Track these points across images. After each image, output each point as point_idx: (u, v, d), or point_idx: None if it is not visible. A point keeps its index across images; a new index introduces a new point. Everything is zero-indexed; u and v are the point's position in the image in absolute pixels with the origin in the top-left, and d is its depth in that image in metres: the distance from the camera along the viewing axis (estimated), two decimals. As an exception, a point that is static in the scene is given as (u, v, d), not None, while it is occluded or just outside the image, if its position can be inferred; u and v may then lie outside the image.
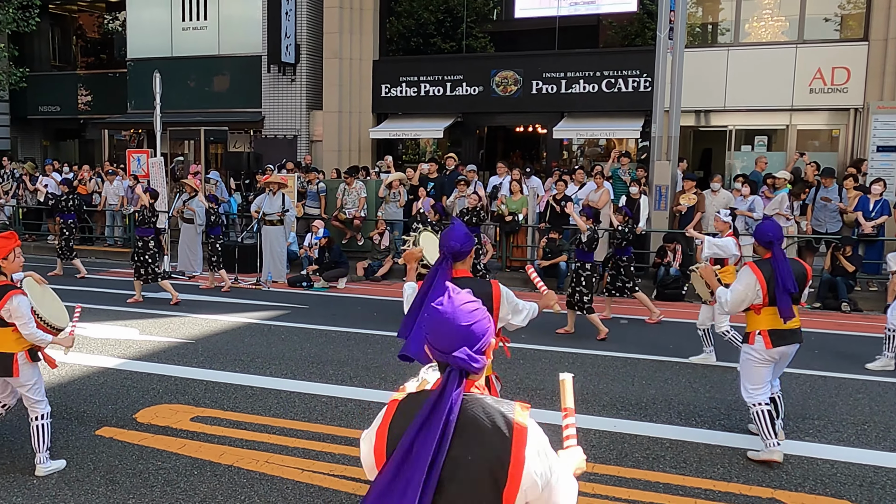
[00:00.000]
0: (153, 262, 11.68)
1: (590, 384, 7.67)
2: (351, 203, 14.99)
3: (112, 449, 5.85)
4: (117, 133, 23.99)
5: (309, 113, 19.84)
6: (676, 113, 13.38)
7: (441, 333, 2.14)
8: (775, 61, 16.12)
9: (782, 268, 5.64)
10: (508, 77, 17.92)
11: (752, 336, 5.85)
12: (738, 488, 5.32)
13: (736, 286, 5.81)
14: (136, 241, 11.82)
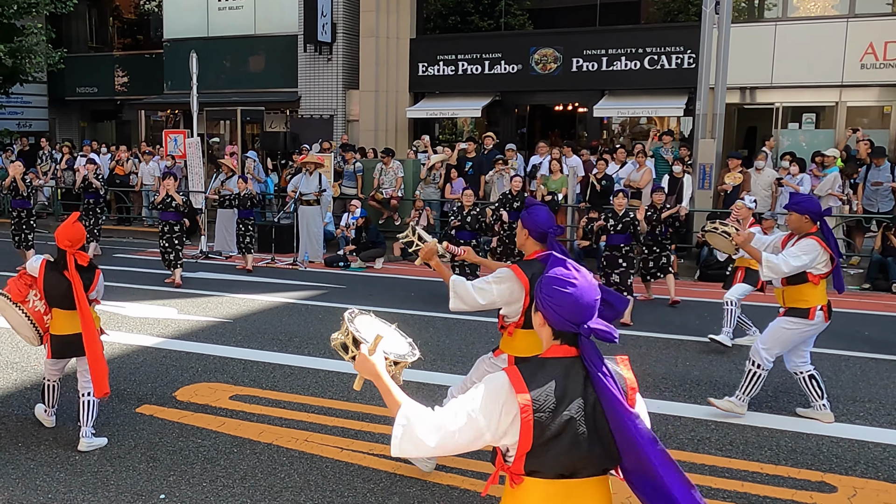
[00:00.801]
0: (180, 247, 11.40)
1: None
2: (388, 183, 14.89)
3: (152, 426, 5.84)
4: (153, 114, 24.12)
5: (345, 92, 19.74)
6: (722, 90, 13.03)
7: (580, 306, 2.28)
8: (825, 36, 15.62)
9: (833, 241, 5.72)
10: (548, 55, 17.62)
11: (813, 311, 5.78)
12: (787, 471, 5.18)
13: (800, 255, 5.65)
14: (163, 226, 11.50)
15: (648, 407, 6.08)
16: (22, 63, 19.88)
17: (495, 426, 2.26)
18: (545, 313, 2.35)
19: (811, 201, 5.85)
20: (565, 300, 2.30)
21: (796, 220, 5.75)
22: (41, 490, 4.80)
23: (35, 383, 6.78)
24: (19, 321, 5.43)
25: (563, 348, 2.34)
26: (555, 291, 2.32)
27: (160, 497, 4.72)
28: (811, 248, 5.65)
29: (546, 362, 2.34)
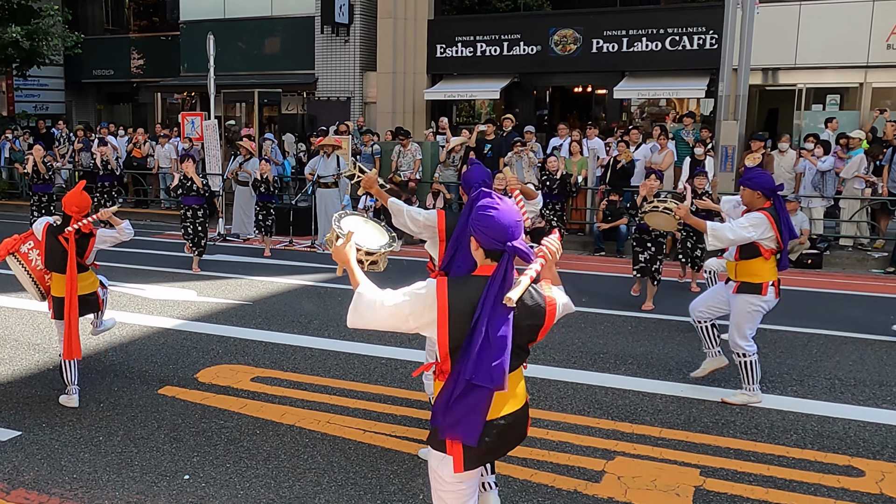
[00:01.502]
0: (203, 233, 11.12)
1: (655, 348, 7.45)
2: (406, 165, 14.81)
3: (175, 408, 5.83)
4: (170, 96, 24.12)
5: (362, 74, 19.65)
6: (745, 71, 12.84)
7: (502, 226, 2.76)
8: (850, 16, 15.35)
9: (786, 217, 5.82)
10: (567, 35, 17.42)
11: (765, 287, 5.85)
12: (814, 455, 5.13)
13: (747, 226, 5.70)
14: (185, 211, 11.14)
15: (670, 390, 6.14)
16: (39, 45, 19.88)
17: (417, 317, 2.84)
18: (476, 236, 2.82)
19: (763, 176, 5.90)
20: (490, 222, 2.77)
21: (749, 196, 5.78)
22: (66, 470, 4.81)
23: (56, 364, 6.77)
24: (24, 278, 5.80)
25: (491, 266, 2.81)
26: (482, 216, 2.79)
27: (184, 477, 4.72)
28: (759, 221, 5.70)
29: (472, 278, 2.84)
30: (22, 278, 5.84)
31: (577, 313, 8.68)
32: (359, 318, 2.91)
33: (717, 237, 5.71)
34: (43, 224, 5.74)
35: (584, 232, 14.02)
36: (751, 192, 5.76)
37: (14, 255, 5.71)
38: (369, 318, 2.89)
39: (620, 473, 4.82)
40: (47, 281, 5.81)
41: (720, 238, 5.72)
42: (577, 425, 5.57)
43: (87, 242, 5.78)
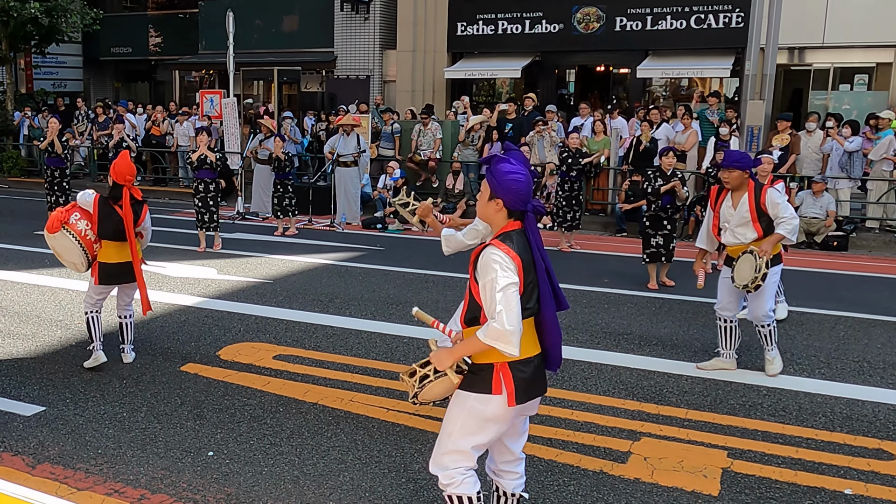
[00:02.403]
0: (214, 208, 10.99)
1: (679, 330, 7.37)
2: (426, 144, 14.71)
3: (197, 385, 5.82)
4: (188, 74, 24.08)
5: (382, 52, 19.52)
6: (773, 50, 12.61)
7: (528, 190, 3.10)
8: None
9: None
10: (591, 13, 17.17)
11: (783, 255, 6.19)
12: (843, 438, 5.06)
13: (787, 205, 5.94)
14: (196, 185, 11.04)
15: (698, 372, 6.02)
16: (58, 22, 19.88)
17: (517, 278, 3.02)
18: (504, 199, 3.09)
19: (741, 155, 6.03)
20: (520, 186, 3.07)
21: (739, 177, 5.88)
22: (90, 446, 4.81)
23: (80, 341, 6.82)
24: (70, 247, 5.89)
25: (515, 223, 3.14)
26: (511, 181, 3.06)
27: (208, 454, 4.70)
28: (782, 195, 6.00)
29: (511, 234, 3.11)
30: (68, 249, 5.92)
31: (601, 294, 8.68)
32: (516, 327, 3.00)
33: (794, 232, 5.90)
34: (93, 196, 5.97)
35: (605, 213, 13.89)
36: (740, 174, 5.88)
37: (64, 226, 5.84)
38: (518, 315, 3.00)
39: (647, 454, 4.77)
40: (95, 250, 6.00)
41: (795, 231, 5.91)
42: (602, 406, 5.51)
43: (141, 209, 6.07)
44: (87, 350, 6.24)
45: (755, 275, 5.72)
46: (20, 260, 10.11)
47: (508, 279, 2.99)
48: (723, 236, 6.11)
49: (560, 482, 4.43)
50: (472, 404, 3.14)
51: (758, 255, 5.73)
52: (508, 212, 3.12)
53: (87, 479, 4.40)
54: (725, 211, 6.04)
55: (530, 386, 3.18)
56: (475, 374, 3.16)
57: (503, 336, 2.95)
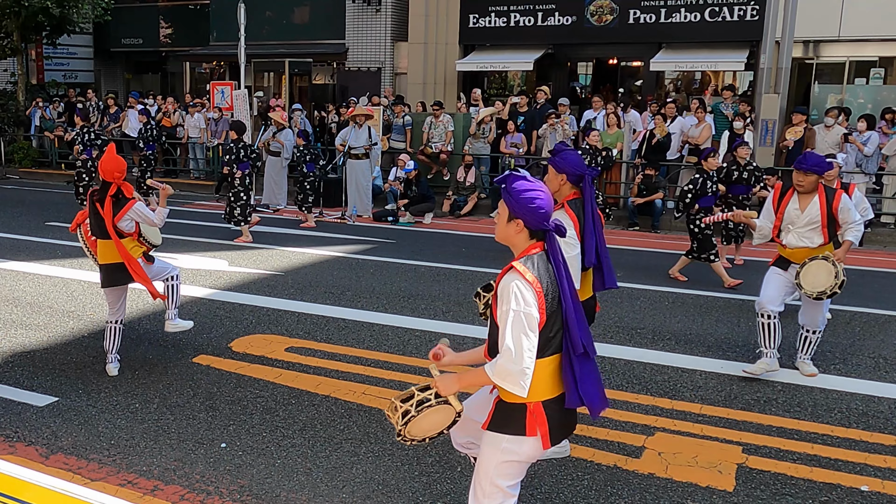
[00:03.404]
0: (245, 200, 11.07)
1: (693, 324, 7.32)
2: (438, 137, 14.67)
3: (210, 376, 5.82)
4: (198, 66, 24.06)
5: (393, 44, 19.45)
6: (788, 43, 12.48)
7: (550, 208, 2.95)
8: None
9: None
10: (604, 6, 17.04)
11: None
12: (859, 434, 5.03)
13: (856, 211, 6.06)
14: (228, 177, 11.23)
15: (709, 366, 6.08)
16: (69, 13, 19.89)
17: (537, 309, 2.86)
18: (525, 220, 2.94)
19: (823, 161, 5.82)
20: (542, 204, 2.92)
21: (814, 181, 5.74)
22: (104, 437, 4.81)
23: (91, 331, 6.83)
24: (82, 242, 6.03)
25: (538, 245, 2.99)
26: (532, 199, 2.91)
27: (221, 445, 4.70)
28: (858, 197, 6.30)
29: (533, 257, 2.95)
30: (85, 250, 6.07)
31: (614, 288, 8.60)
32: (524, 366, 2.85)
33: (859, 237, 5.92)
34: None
35: (618, 206, 13.82)
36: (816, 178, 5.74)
37: (80, 226, 5.92)
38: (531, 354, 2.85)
39: (661, 449, 4.73)
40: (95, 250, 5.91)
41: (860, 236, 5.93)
42: (616, 400, 5.47)
43: (122, 206, 5.66)
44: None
45: (835, 281, 5.61)
46: (33, 250, 10.13)
47: (526, 312, 2.82)
48: (784, 237, 5.92)
49: (574, 476, 4.41)
50: (506, 446, 2.99)
51: (836, 261, 5.64)
52: (530, 232, 2.96)
53: (100, 469, 4.40)
54: (792, 212, 5.84)
55: (564, 425, 3.08)
56: (507, 416, 2.98)
57: (510, 376, 2.81)
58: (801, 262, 5.76)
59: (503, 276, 2.92)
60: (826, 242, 5.78)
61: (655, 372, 6.08)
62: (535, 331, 2.83)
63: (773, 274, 6.01)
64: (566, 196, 4.39)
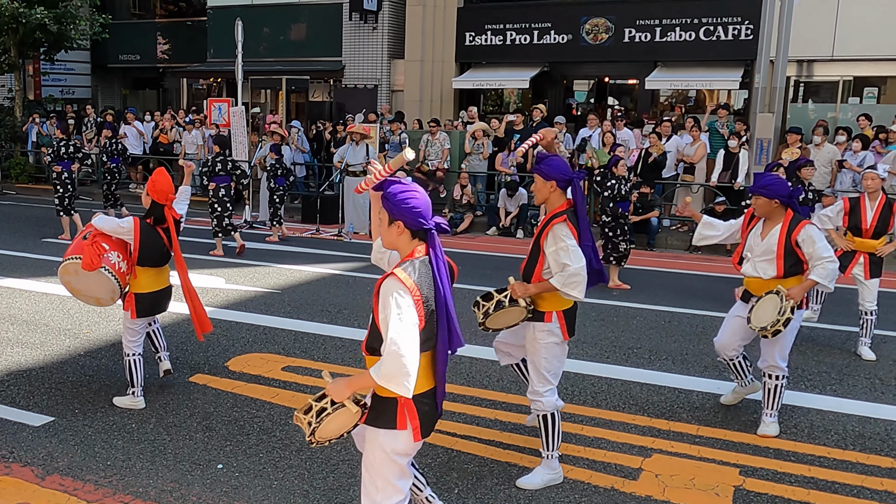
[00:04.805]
0: (220, 213, 11.37)
1: (689, 344, 7.33)
2: (434, 154, 14.72)
3: (206, 396, 5.80)
4: (195, 82, 24.13)
5: (390, 62, 19.55)
6: (783, 63, 12.59)
7: (426, 208, 3.05)
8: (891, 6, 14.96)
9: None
10: (599, 24, 17.18)
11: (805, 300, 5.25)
12: (855, 456, 5.03)
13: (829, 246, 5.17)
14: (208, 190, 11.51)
15: (709, 387, 5.99)
16: (67, 29, 19.95)
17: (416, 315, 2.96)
18: (403, 220, 3.03)
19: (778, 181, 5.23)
20: (416, 203, 3.02)
21: (765, 205, 5.17)
22: (100, 457, 4.79)
23: (88, 349, 6.82)
24: (102, 283, 5.39)
25: (422, 246, 3.08)
26: (406, 200, 3.01)
27: (218, 467, 4.68)
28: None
29: (415, 262, 3.04)
30: (99, 286, 5.44)
31: (610, 307, 8.64)
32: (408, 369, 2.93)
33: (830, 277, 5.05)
34: (132, 221, 5.45)
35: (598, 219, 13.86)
36: (767, 202, 5.17)
37: (104, 266, 5.32)
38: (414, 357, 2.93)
39: (658, 471, 4.73)
40: (128, 280, 5.51)
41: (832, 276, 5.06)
42: (613, 421, 5.48)
43: (178, 228, 5.73)
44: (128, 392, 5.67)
45: (778, 317, 4.96)
46: (29, 267, 10.12)
47: (405, 317, 2.92)
48: (743, 266, 5.41)
49: (571, 498, 4.40)
50: (383, 440, 3.13)
51: (785, 296, 5.01)
52: (411, 233, 3.08)
53: (96, 490, 4.38)
54: (751, 239, 5.34)
55: (432, 419, 3.22)
56: (381, 410, 3.13)
57: (395, 379, 2.91)
58: (758, 294, 5.25)
59: (383, 282, 3.02)
60: (779, 276, 5.16)
61: (652, 392, 6.08)
62: (416, 336, 2.94)
63: (733, 315, 5.51)
64: (559, 206, 4.38)
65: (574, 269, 4.20)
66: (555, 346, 4.47)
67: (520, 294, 4.38)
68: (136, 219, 5.49)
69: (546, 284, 4.33)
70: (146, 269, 5.52)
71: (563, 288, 4.24)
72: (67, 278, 5.49)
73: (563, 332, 4.46)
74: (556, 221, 4.29)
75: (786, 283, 5.14)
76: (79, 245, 5.42)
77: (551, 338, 4.45)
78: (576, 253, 4.24)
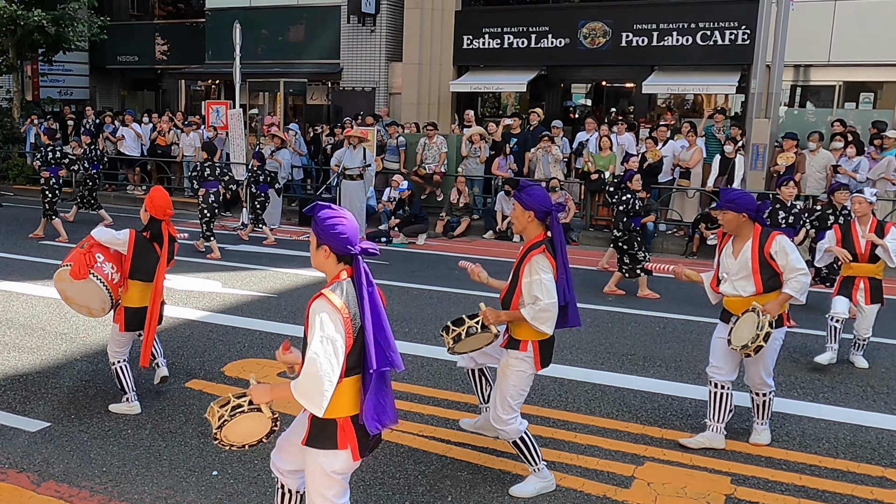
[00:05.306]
0: (209, 217, 11.61)
1: (683, 350, 7.37)
2: (431, 158, 14.75)
3: (202, 402, 5.83)
4: (193, 83, 24.12)
5: (388, 65, 19.57)
6: (779, 68, 12.63)
7: (352, 234, 3.15)
8: (886, 12, 15.00)
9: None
10: (597, 28, 17.21)
11: (786, 316, 5.19)
12: (846, 465, 5.07)
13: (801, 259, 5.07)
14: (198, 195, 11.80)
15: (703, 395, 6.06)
16: (65, 31, 19.95)
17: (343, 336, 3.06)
18: (330, 245, 3.14)
19: (745, 196, 5.13)
20: (344, 229, 3.13)
21: (734, 219, 5.09)
22: (95, 463, 4.82)
23: (84, 354, 6.84)
24: (93, 292, 5.41)
25: (347, 269, 3.20)
26: (334, 226, 3.13)
27: (213, 473, 4.71)
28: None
29: (342, 284, 3.15)
30: (90, 295, 5.46)
31: (604, 313, 8.68)
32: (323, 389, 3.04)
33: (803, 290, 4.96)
34: (127, 234, 5.47)
35: (610, 228, 13.88)
36: (736, 216, 5.08)
37: (93, 272, 5.33)
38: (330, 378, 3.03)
39: (650, 479, 4.77)
40: (119, 293, 5.52)
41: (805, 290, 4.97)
42: (606, 429, 5.51)
43: (173, 248, 5.68)
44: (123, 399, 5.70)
45: (757, 333, 4.84)
46: (25, 270, 10.13)
47: (331, 338, 3.02)
48: (721, 286, 5.27)
49: (564, 507, 4.44)
50: (323, 460, 3.22)
51: (761, 312, 4.89)
52: (337, 257, 3.18)
53: (91, 497, 4.41)
54: (725, 260, 5.22)
55: (371, 438, 3.32)
56: (320, 431, 3.22)
57: (309, 396, 3.02)
58: (737, 313, 5.12)
59: (313, 303, 3.11)
60: (759, 292, 5.04)
61: (646, 399, 6.12)
62: (338, 356, 3.04)
63: (717, 337, 5.35)
64: (536, 236, 4.36)
65: (545, 304, 4.22)
66: (524, 375, 4.48)
67: (492, 321, 4.44)
68: (133, 231, 5.51)
69: (517, 314, 4.37)
70: (136, 282, 5.52)
71: (532, 321, 4.27)
72: (62, 286, 5.53)
73: (536, 363, 4.46)
74: (534, 252, 4.28)
75: (765, 298, 5.02)
76: (73, 253, 5.46)
77: (522, 366, 4.45)
78: (549, 288, 4.23)
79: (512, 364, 4.47)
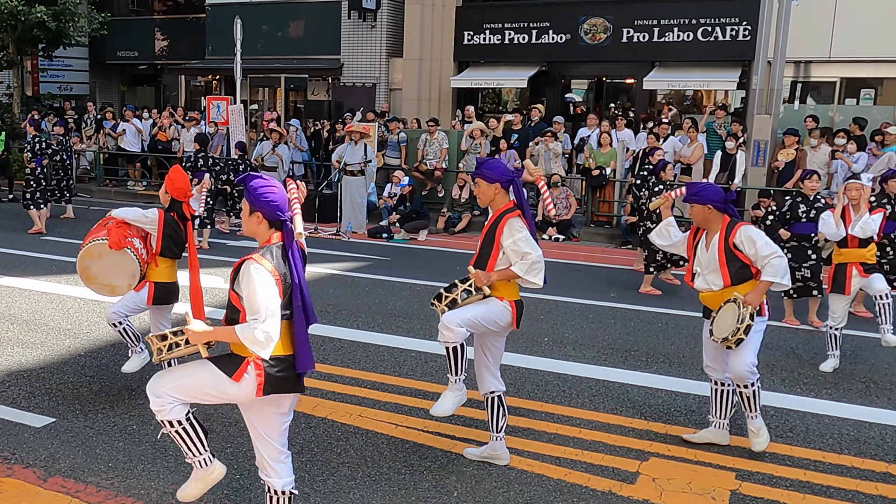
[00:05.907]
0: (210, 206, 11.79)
1: (686, 346, 7.38)
2: (432, 154, 14.74)
3: (207, 397, 5.82)
4: (193, 79, 24.07)
5: (389, 60, 19.55)
6: (780, 64, 12.64)
7: (282, 202, 3.49)
8: (888, 7, 15.00)
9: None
10: (598, 24, 17.20)
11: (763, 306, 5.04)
12: (850, 461, 5.07)
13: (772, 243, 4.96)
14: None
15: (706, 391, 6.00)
16: (65, 26, 19.93)
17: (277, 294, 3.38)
18: (263, 212, 3.47)
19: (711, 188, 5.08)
20: (275, 197, 3.45)
21: (700, 212, 5.01)
22: (101, 458, 4.82)
23: (88, 349, 6.85)
24: (124, 266, 5.54)
25: (278, 234, 3.52)
26: (266, 195, 3.45)
27: (218, 470, 4.71)
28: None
29: (272, 248, 3.48)
30: (120, 269, 5.54)
31: (607, 309, 8.69)
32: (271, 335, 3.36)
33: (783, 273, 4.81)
34: (158, 212, 5.68)
35: (611, 224, 13.91)
36: (702, 209, 5.01)
37: (129, 248, 5.52)
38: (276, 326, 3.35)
39: (655, 475, 4.78)
40: (145, 269, 5.73)
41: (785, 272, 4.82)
42: (611, 424, 5.52)
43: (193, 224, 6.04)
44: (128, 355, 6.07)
45: (738, 325, 4.75)
46: (27, 266, 10.13)
47: (270, 290, 3.33)
48: (695, 282, 5.20)
49: (570, 502, 4.44)
50: (216, 375, 3.51)
51: (742, 304, 4.80)
52: (269, 223, 3.51)
53: (98, 492, 4.42)
54: (699, 253, 5.15)
55: (280, 382, 3.54)
56: (230, 359, 3.53)
57: (258, 343, 3.29)
58: (714, 308, 5.07)
59: (242, 264, 3.43)
60: (727, 285, 4.96)
61: (649, 395, 6.13)
62: (278, 308, 3.35)
63: (705, 337, 5.27)
64: (506, 204, 4.60)
65: (535, 256, 4.44)
66: (498, 314, 4.62)
67: (484, 282, 4.58)
68: (161, 210, 5.73)
69: (507, 272, 4.54)
70: (166, 259, 5.78)
71: (525, 275, 4.46)
72: (87, 262, 5.57)
73: (513, 320, 4.66)
74: (510, 215, 4.52)
75: (739, 289, 4.92)
76: (101, 229, 5.61)
77: (502, 310, 4.62)
78: (533, 242, 4.48)
79: (494, 304, 4.62)
